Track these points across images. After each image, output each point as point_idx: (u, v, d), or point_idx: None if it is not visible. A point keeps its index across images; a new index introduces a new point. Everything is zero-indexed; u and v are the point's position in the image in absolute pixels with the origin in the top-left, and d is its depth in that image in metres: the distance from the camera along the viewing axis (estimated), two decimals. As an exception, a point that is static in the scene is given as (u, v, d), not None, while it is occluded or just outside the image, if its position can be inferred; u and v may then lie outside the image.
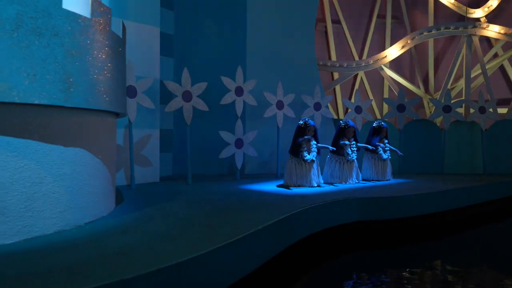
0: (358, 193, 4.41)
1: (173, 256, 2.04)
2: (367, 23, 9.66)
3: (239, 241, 2.40)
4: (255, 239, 2.59)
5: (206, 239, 2.37)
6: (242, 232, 2.51)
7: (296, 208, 3.43)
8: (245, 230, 2.58)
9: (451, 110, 6.68)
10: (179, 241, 2.35)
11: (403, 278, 3.10)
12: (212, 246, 2.20)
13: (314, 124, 4.96)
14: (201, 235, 2.49)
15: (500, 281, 3.09)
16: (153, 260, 1.96)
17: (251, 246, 2.56)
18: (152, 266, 1.87)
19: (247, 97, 5.58)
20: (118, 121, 4.68)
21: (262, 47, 6.65)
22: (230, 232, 2.51)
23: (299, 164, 4.87)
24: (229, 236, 2.41)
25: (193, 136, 6.57)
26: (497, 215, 5.46)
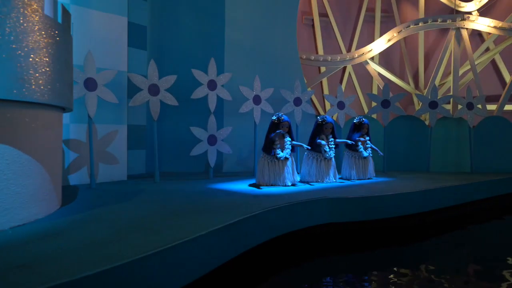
0: (332, 193, 4.16)
1: (87, 266, 1.78)
2: (356, 16, 9.40)
3: (173, 248, 2.14)
4: (195, 246, 2.33)
5: (138, 246, 2.11)
6: (181, 238, 2.25)
7: (257, 210, 3.18)
8: (187, 235, 2.33)
9: (437, 106, 6.42)
10: (105, 248, 2.09)
11: (376, 283, 2.85)
12: (140, 254, 1.94)
13: (288, 119, 4.69)
14: (135, 241, 2.23)
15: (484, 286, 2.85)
16: (58, 273, 1.70)
17: (191, 254, 2.30)
18: (52, 280, 1.61)
19: (221, 91, 5.31)
20: (82, 116, 4.43)
21: (242, 40, 6.38)
22: (168, 238, 2.26)
23: (272, 162, 4.62)
24: (165, 242, 2.15)
25: (168, 132, 6.34)
26: (482, 216, 5.21)
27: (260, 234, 3.15)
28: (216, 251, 2.55)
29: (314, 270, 3.23)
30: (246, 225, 2.95)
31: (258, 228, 3.11)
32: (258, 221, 3.11)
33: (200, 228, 2.51)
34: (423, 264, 3.35)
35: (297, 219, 3.59)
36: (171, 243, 2.12)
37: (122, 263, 1.82)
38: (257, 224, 3.09)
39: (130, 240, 2.24)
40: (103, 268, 1.75)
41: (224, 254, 2.65)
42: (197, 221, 2.72)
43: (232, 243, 2.77)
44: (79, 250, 2.05)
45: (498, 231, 4.69)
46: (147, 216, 2.92)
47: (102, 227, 2.54)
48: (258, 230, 3.12)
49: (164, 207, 3.28)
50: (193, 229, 2.46)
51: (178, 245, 2.15)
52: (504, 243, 4.24)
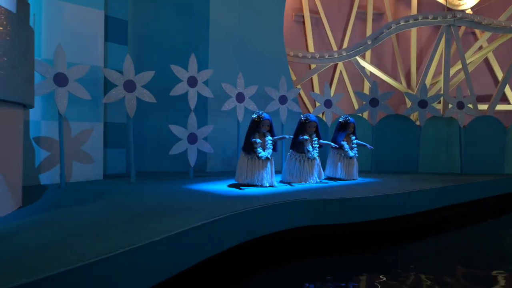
0: (312, 194, 3.99)
1: (14, 277, 1.61)
2: (348, 13, 9.22)
3: (117, 256, 1.97)
4: (144, 253, 2.16)
5: (80, 254, 1.94)
6: (130, 245, 2.08)
7: (228, 212, 3.01)
8: (137, 241, 2.16)
9: (427, 105, 6.26)
10: (42, 255, 1.92)
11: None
12: (73, 265, 1.77)
13: (269, 118, 4.52)
14: (79, 247, 2.06)
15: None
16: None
17: (139, 262, 2.13)
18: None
19: (202, 88, 5.13)
20: (55, 113, 4.23)
21: (227, 36, 6.21)
22: (118, 244, 2.09)
23: (252, 162, 4.45)
24: (110, 249, 1.99)
25: (150, 130, 6.16)
26: (468, 219, 5.06)
27: (230, 237, 2.98)
28: (174, 257, 2.38)
29: (291, 275, 3.07)
30: (212, 228, 2.78)
31: (228, 231, 2.95)
32: (227, 224, 2.94)
33: (157, 233, 2.34)
34: (407, 268, 3.21)
35: (273, 221, 3.42)
36: (114, 251, 1.95)
37: (51, 274, 1.65)
38: (226, 227, 2.92)
39: (74, 246, 2.07)
40: (27, 280, 1.58)
41: (184, 261, 2.48)
42: (158, 225, 2.55)
43: (195, 248, 2.61)
44: (16, 257, 1.88)
45: (485, 234, 4.55)
46: (106, 219, 2.75)
47: (52, 231, 2.37)
48: (227, 233, 2.95)
49: (128, 209, 3.10)
50: (148, 234, 2.29)
51: (123, 253, 1.98)
52: (491, 246, 4.10)
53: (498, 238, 4.49)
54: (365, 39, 7.04)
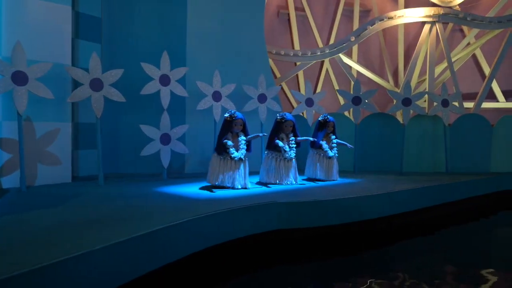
0: (284, 196, 3.82)
1: None
2: (334, 11, 9.08)
3: (54, 266, 1.79)
4: (85, 262, 1.98)
5: (12, 264, 1.76)
6: (71, 253, 1.90)
7: (187, 217, 2.84)
8: (78, 250, 1.98)
9: (411, 103, 6.10)
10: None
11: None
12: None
13: (242, 117, 4.35)
14: (14, 257, 1.88)
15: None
16: None
17: (79, 271, 1.95)
18: None
19: (175, 86, 4.95)
20: (15, 114, 4.04)
21: (205, 33, 6.01)
22: (58, 253, 1.91)
23: (224, 162, 4.27)
24: (49, 258, 1.81)
25: (125, 131, 5.96)
26: (454, 219, 4.91)
27: (187, 244, 2.80)
28: (119, 267, 2.20)
29: (262, 283, 2.90)
30: (167, 235, 2.60)
31: (184, 237, 2.77)
32: (184, 230, 2.77)
33: (104, 240, 2.16)
34: (389, 271, 3.07)
35: (239, 226, 3.25)
36: (53, 260, 1.77)
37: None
38: (182, 234, 2.75)
39: (8, 257, 1.88)
40: None
41: (134, 268, 2.30)
42: (108, 232, 2.37)
43: (147, 256, 2.43)
44: None
45: (471, 234, 4.40)
46: (54, 225, 2.56)
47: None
48: (184, 240, 2.77)
49: (84, 214, 2.92)
50: (95, 242, 2.12)
51: (62, 261, 1.81)
52: (478, 246, 3.96)
53: (485, 238, 4.36)
54: (348, 36, 6.87)
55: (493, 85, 8.85)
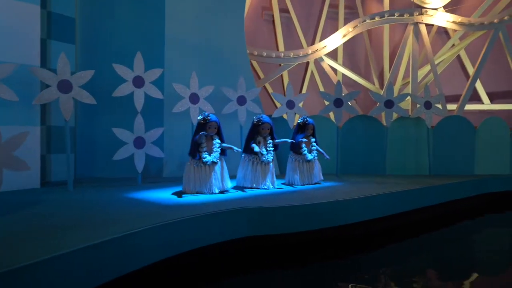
0: (257, 201, 3.70)
1: None
2: (319, 12, 9.01)
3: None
4: (21, 276, 1.84)
5: None
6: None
7: (150, 224, 2.71)
8: (13, 263, 1.84)
9: (393, 105, 6.03)
10: None
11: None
12: None
13: (216, 119, 4.22)
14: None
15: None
16: None
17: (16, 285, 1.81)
18: None
19: (149, 88, 4.81)
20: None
21: (184, 34, 5.89)
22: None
23: (198, 167, 4.14)
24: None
25: (101, 134, 5.81)
26: (436, 222, 4.82)
27: (149, 253, 2.66)
28: (74, 276, 2.07)
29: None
30: (126, 243, 2.47)
31: (146, 246, 2.63)
32: (145, 238, 2.63)
33: (56, 249, 2.03)
34: (365, 279, 2.94)
35: (206, 233, 3.11)
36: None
37: None
38: (143, 242, 2.61)
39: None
40: None
41: (86, 280, 2.17)
42: (59, 241, 2.23)
43: (102, 266, 2.29)
44: None
45: (455, 237, 4.32)
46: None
47: None
48: (145, 248, 2.63)
49: (38, 222, 2.77)
50: (43, 252, 1.98)
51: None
52: (461, 250, 3.88)
53: (468, 241, 4.30)
54: (329, 37, 6.78)
55: (478, 87, 8.84)
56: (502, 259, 3.72)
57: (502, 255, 3.85)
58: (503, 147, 6.46)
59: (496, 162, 6.42)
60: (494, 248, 4.09)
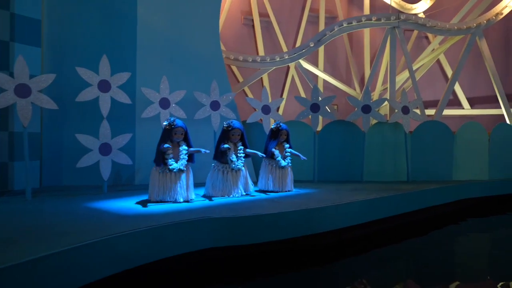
0: (225, 210, 3.55)
1: None
2: (299, 17, 8.96)
3: None
4: None
5: None
6: None
7: (101, 236, 2.54)
8: None
9: (370, 110, 5.95)
10: None
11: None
12: None
13: (182, 125, 4.07)
14: None
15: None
16: None
17: None
18: None
19: (116, 93, 4.64)
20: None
21: (157, 38, 5.73)
22: None
23: (163, 175, 3.97)
24: None
25: (70, 140, 5.56)
26: (413, 229, 4.72)
27: (100, 267, 2.49)
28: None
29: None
30: (74, 256, 2.30)
31: (97, 259, 2.46)
32: (96, 251, 2.46)
33: None
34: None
35: (163, 245, 2.95)
36: None
37: None
38: (94, 255, 2.44)
39: None
40: None
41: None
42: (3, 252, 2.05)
43: (47, 280, 2.12)
44: None
45: (432, 245, 4.22)
46: None
47: None
48: (97, 261, 2.47)
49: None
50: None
51: None
52: (438, 257, 3.79)
53: (446, 247, 4.22)
54: (307, 41, 6.71)
55: (458, 93, 8.86)
56: (480, 265, 3.66)
57: (481, 261, 3.79)
58: (482, 152, 6.42)
59: (474, 167, 6.37)
60: (473, 254, 4.03)
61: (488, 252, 4.22)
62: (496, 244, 4.52)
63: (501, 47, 9.03)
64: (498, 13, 6.91)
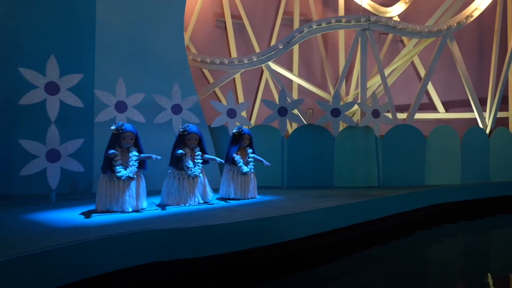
0: (175, 220, 3.30)
1: None
2: (273, 19, 8.80)
3: None
4: None
5: None
6: None
7: (9, 255, 2.26)
8: None
9: (340, 113, 5.78)
10: None
11: None
12: None
13: (132, 129, 3.81)
14: None
15: None
16: None
17: None
18: None
19: (66, 95, 4.36)
20: None
21: (117, 39, 5.46)
22: None
23: (111, 183, 3.70)
24: None
25: (20, 147, 5.25)
26: (381, 236, 4.54)
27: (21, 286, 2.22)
28: None
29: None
30: None
31: (18, 277, 2.20)
32: (16, 268, 2.19)
33: None
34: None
35: (97, 261, 2.68)
36: None
37: None
38: (14, 272, 2.17)
39: None
40: None
41: None
42: None
43: None
44: None
45: (397, 253, 4.04)
46: None
47: None
48: (18, 280, 2.20)
49: None
50: None
51: None
52: (409, 265, 3.61)
53: (414, 256, 4.05)
54: (276, 43, 6.53)
55: (433, 96, 8.79)
56: (451, 272, 3.54)
57: (452, 267, 3.67)
58: (454, 156, 6.30)
59: (446, 172, 6.25)
60: (444, 260, 3.89)
61: (460, 258, 4.09)
62: (468, 250, 4.40)
63: (475, 51, 9.02)
64: (468, 16, 6.85)
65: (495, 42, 7.45)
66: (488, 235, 5.12)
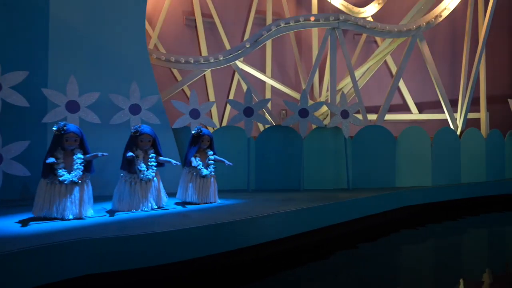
0: (116, 228, 3.05)
1: None
2: (245, 18, 8.61)
3: None
4: None
5: None
6: None
7: None
8: None
9: (308, 114, 5.62)
10: None
11: None
12: None
13: (76, 130, 3.55)
14: None
15: None
16: None
17: None
18: None
19: (9, 94, 4.06)
20: None
21: (73, 36, 5.16)
22: None
23: (52, 187, 3.43)
24: None
25: None
26: (335, 244, 4.36)
27: None
28: None
29: None
30: None
31: None
32: None
33: None
34: None
35: (18, 275, 2.41)
36: None
37: None
38: None
39: None
40: None
41: None
42: None
43: None
44: None
45: (361, 259, 3.88)
46: None
47: None
48: None
49: None
50: None
51: None
52: (377, 269, 3.49)
53: (386, 258, 3.98)
54: (243, 42, 6.34)
55: (406, 97, 8.74)
56: (420, 276, 3.43)
57: (421, 272, 3.56)
58: (424, 158, 6.21)
59: (417, 173, 6.15)
60: (413, 264, 3.79)
61: (429, 261, 3.98)
62: (438, 253, 4.30)
63: (449, 53, 9.01)
64: (437, 16, 6.79)
65: (465, 43, 7.43)
66: (459, 237, 5.02)
